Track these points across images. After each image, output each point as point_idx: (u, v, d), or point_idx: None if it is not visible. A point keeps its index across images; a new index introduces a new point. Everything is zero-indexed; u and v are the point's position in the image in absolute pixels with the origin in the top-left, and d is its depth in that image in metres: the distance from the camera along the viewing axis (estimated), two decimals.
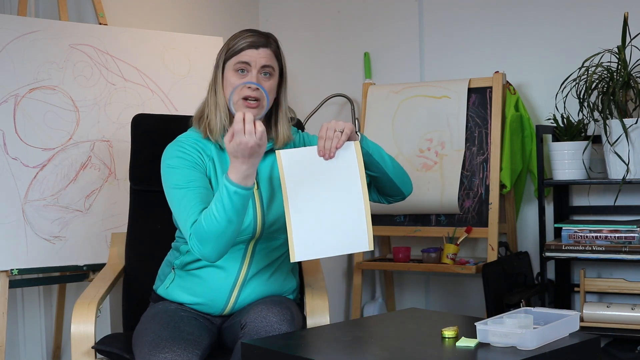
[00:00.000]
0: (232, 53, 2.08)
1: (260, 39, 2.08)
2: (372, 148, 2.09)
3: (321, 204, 2.00)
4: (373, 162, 2.10)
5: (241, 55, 2.07)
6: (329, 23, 3.72)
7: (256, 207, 2.09)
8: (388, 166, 2.13)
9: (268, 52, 2.09)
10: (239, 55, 2.07)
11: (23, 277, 2.74)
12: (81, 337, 2.15)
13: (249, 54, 2.06)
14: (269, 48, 2.09)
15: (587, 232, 2.80)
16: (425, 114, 3.20)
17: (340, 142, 2.00)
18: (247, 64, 2.07)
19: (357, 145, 2.03)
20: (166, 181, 2.06)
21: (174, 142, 2.14)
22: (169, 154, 2.10)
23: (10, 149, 2.72)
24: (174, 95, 3.11)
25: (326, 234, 2.00)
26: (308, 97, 3.69)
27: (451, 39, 3.39)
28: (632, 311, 2.73)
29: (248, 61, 2.06)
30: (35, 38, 2.82)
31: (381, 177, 2.14)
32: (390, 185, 2.17)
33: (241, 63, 2.07)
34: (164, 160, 2.10)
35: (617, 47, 2.76)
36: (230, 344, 2.10)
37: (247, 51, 2.07)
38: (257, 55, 2.07)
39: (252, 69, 2.07)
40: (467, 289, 3.35)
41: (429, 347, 1.77)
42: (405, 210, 3.18)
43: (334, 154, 2.00)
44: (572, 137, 2.87)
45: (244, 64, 2.07)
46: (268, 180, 2.13)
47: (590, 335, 1.79)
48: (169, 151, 2.11)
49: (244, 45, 2.07)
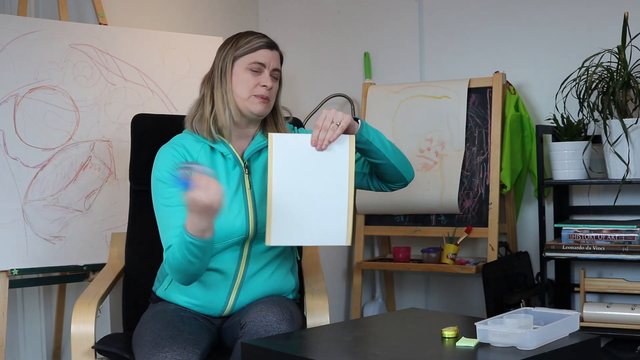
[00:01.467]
0: (245, 51, 2.10)
1: (271, 41, 2.14)
2: (372, 135, 2.08)
3: (305, 192, 2.00)
4: (374, 149, 2.09)
5: (257, 55, 2.10)
6: (329, 23, 3.72)
7: (248, 208, 2.09)
8: (389, 152, 2.13)
9: (278, 55, 2.15)
10: (255, 55, 2.10)
11: (23, 277, 2.74)
12: (81, 337, 2.15)
13: (264, 55, 2.10)
14: (278, 52, 2.15)
15: (587, 232, 2.80)
16: (425, 114, 3.19)
17: (334, 135, 1.99)
18: (262, 64, 2.10)
19: (351, 140, 2.02)
20: (154, 194, 2.10)
21: (166, 146, 2.14)
22: (159, 164, 2.10)
23: (10, 149, 2.72)
24: (174, 95, 3.11)
25: (305, 222, 2.00)
26: (308, 97, 3.69)
27: (451, 39, 3.39)
28: (632, 311, 2.73)
29: (263, 62, 2.10)
30: (35, 38, 2.82)
31: (383, 164, 2.13)
32: (393, 171, 2.16)
33: (256, 63, 2.10)
34: (155, 169, 2.11)
35: (617, 47, 2.76)
36: (230, 343, 2.10)
37: (262, 51, 2.10)
38: (271, 56, 2.12)
39: (266, 69, 2.10)
40: (467, 289, 3.35)
41: (429, 347, 1.77)
42: (405, 210, 3.18)
43: (326, 146, 2.00)
44: (572, 137, 2.87)
45: (259, 64, 2.10)
46: (262, 180, 2.13)
47: (590, 335, 1.79)
48: (160, 160, 2.11)
49: (260, 45, 2.10)
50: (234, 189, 2.10)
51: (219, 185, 1.83)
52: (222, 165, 2.12)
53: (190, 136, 2.15)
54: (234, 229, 2.07)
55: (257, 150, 2.15)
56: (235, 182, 2.11)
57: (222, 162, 2.12)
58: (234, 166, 2.12)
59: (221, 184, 1.90)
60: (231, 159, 2.12)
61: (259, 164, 2.15)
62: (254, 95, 2.09)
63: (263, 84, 2.09)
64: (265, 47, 2.11)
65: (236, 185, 2.11)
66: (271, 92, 2.12)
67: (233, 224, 2.07)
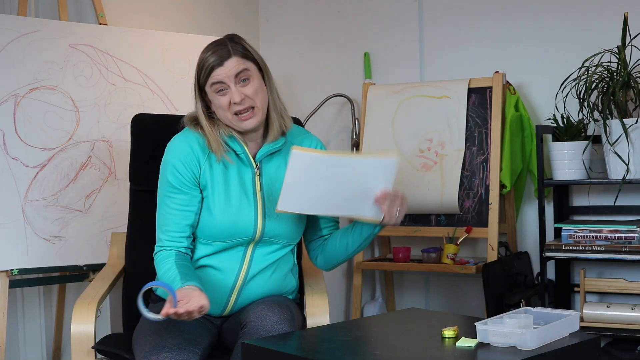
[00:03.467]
0: (203, 79, 2.06)
1: (221, 52, 2.04)
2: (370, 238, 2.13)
3: (326, 190, 2.00)
4: (361, 245, 2.14)
5: (212, 77, 2.04)
6: (329, 23, 3.72)
7: (257, 210, 2.09)
8: (357, 250, 2.17)
9: (234, 61, 2.03)
10: (211, 78, 2.04)
11: (23, 277, 2.75)
12: (81, 337, 2.15)
13: (217, 74, 2.03)
14: (233, 56, 2.04)
15: (587, 232, 2.80)
16: (425, 114, 3.20)
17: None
18: (221, 82, 2.04)
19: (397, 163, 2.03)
20: (160, 185, 2.12)
21: (179, 139, 2.12)
22: (171, 157, 2.10)
23: (10, 149, 2.72)
24: (174, 95, 3.11)
25: (318, 197, 2.00)
26: (308, 97, 3.69)
27: (451, 39, 3.39)
28: (632, 311, 2.73)
29: (221, 80, 2.03)
30: (35, 38, 2.82)
31: (355, 249, 2.16)
32: (343, 256, 2.19)
33: (216, 84, 2.04)
34: (166, 160, 2.11)
35: (617, 47, 2.76)
36: (230, 343, 2.10)
37: (215, 71, 2.03)
38: (225, 71, 2.03)
39: (229, 83, 2.03)
40: (467, 289, 3.35)
41: (429, 347, 1.77)
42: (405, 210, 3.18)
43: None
44: (572, 137, 2.87)
45: (218, 83, 2.04)
46: (273, 183, 2.12)
47: (590, 335, 1.79)
48: (173, 152, 2.11)
49: (210, 68, 2.03)
50: (245, 190, 2.10)
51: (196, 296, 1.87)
52: (234, 163, 2.11)
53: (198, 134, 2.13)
54: (241, 229, 2.07)
55: (270, 153, 2.14)
56: (246, 182, 2.11)
57: (236, 161, 2.11)
58: (247, 166, 2.12)
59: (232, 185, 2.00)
60: (244, 159, 2.12)
61: (271, 166, 2.14)
62: (234, 113, 2.05)
63: (233, 101, 2.03)
64: (214, 66, 2.03)
65: (247, 186, 2.11)
66: (249, 99, 2.04)
67: (240, 224, 2.06)
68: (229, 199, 2.07)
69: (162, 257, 2.06)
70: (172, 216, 2.07)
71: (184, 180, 2.07)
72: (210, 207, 2.07)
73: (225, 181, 2.09)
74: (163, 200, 2.10)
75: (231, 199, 2.08)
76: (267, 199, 2.11)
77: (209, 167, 2.09)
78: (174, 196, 2.07)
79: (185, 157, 2.08)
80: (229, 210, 2.07)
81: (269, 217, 2.10)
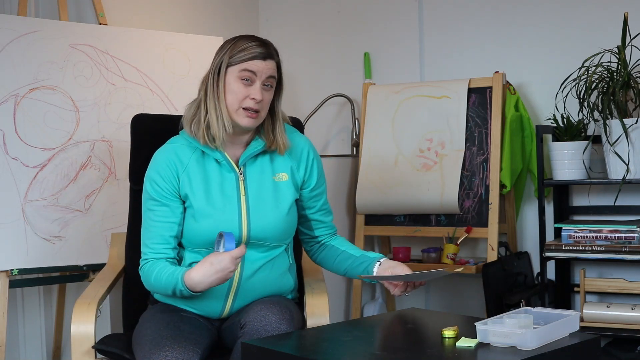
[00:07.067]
0: (238, 60, 2.06)
1: (267, 50, 2.07)
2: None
3: None
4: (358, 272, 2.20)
5: (249, 64, 2.05)
6: (329, 23, 3.72)
7: (242, 215, 2.09)
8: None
9: (272, 64, 2.08)
10: (246, 64, 2.05)
11: (23, 277, 2.75)
12: (81, 337, 2.15)
13: (256, 65, 2.05)
14: (273, 60, 2.09)
15: (587, 232, 2.80)
16: (425, 114, 3.20)
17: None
18: (253, 73, 2.05)
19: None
20: (144, 197, 2.15)
21: (160, 152, 2.16)
22: (152, 170, 2.13)
23: (10, 149, 2.72)
24: (174, 95, 3.11)
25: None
26: (308, 97, 3.69)
27: (451, 39, 3.39)
28: (632, 311, 2.73)
29: (255, 71, 2.05)
30: (35, 38, 2.82)
31: (345, 273, 2.24)
32: (335, 271, 2.28)
33: (248, 72, 2.05)
34: (148, 173, 2.14)
35: (617, 47, 2.76)
36: (230, 343, 2.10)
37: (255, 61, 2.05)
38: (264, 66, 2.06)
39: (257, 79, 2.05)
40: (467, 289, 3.35)
41: (429, 347, 1.77)
42: (405, 210, 3.18)
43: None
44: (572, 137, 2.87)
45: (250, 73, 2.05)
46: (257, 187, 2.13)
47: (590, 335, 1.79)
48: (153, 166, 2.14)
49: (252, 55, 2.05)
50: (228, 195, 2.10)
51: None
52: (215, 170, 2.12)
53: (184, 140, 2.14)
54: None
55: (253, 155, 2.15)
56: (229, 187, 2.11)
57: (216, 167, 2.12)
58: (229, 171, 2.12)
59: (214, 191, 2.03)
60: (225, 165, 2.12)
61: (254, 170, 2.14)
62: (243, 107, 2.06)
63: (252, 97, 2.05)
64: (257, 57, 2.05)
65: (230, 191, 2.11)
66: (262, 104, 2.07)
67: (226, 229, 2.05)
68: (212, 206, 2.08)
69: (150, 264, 2.09)
70: (156, 229, 2.10)
71: (164, 192, 2.10)
72: (195, 216, 2.08)
73: (207, 189, 2.10)
74: (146, 214, 2.14)
75: (214, 206, 2.08)
76: (251, 203, 2.11)
77: (188, 178, 2.10)
78: (156, 209, 2.10)
79: (163, 171, 2.10)
80: (212, 217, 2.07)
81: (253, 220, 2.10)
